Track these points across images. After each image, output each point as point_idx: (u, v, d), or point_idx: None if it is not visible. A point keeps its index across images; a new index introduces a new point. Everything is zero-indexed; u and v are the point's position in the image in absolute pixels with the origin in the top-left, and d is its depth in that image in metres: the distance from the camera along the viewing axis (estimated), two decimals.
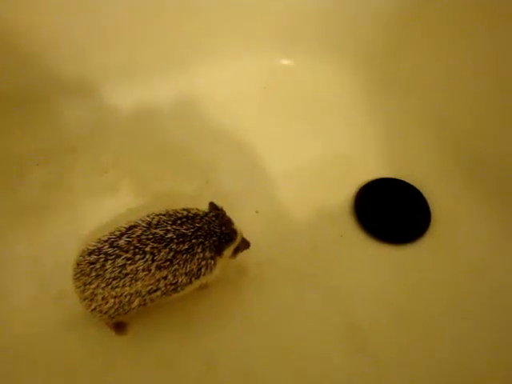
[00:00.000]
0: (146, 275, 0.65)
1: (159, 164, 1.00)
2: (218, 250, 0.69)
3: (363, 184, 0.97)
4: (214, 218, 0.70)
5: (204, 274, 0.69)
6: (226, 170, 1.00)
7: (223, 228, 0.70)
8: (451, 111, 1.02)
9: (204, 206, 0.73)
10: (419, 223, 0.92)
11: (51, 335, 0.76)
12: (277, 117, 1.10)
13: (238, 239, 0.72)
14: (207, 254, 0.68)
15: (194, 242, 0.67)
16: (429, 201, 0.95)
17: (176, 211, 0.70)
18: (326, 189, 0.97)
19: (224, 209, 0.73)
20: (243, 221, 0.76)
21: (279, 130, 1.07)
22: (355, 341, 0.79)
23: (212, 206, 0.73)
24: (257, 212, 0.93)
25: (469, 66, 0.98)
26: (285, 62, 1.18)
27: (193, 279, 0.69)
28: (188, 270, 0.67)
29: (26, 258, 0.84)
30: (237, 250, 0.74)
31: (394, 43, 1.08)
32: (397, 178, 0.98)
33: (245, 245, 0.75)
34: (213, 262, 0.69)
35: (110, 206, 0.90)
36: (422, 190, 0.96)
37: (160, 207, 0.71)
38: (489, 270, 0.87)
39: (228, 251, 0.71)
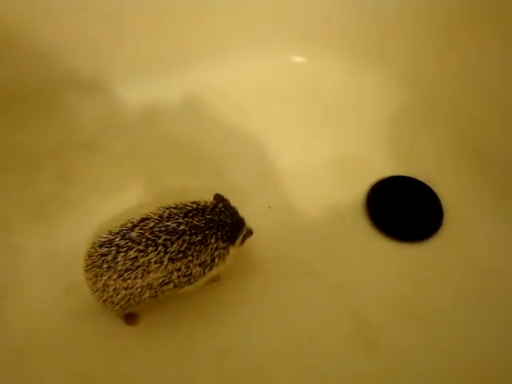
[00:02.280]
0: (158, 267, 0.65)
1: (171, 160, 1.00)
2: (231, 239, 0.71)
3: (376, 182, 0.96)
4: (224, 209, 0.71)
5: (217, 265, 0.70)
6: (237, 166, 1.00)
7: (234, 218, 0.72)
8: (464, 109, 1.01)
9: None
10: (432, 222, 0.91)
11: (63, 326, 0.76)
12: (289, 114, 1.09)
13: (246, 226, 0.74)
14: (221, 244, 0.69)
15: (207, 233, 0.68)
16: (442, 200, 0.94)
17: (185, 204, 0.71)
18: (339, 186, 0.97)
19: (232, 202, 0.74)
20: (255, 216, 0.76)
21: (291, 127, 1.06)
22: (365, 338, 0.78)
23: (217, 196, 0.74)
24: (269, 208, 0.92)
25: (478, 65, 0.98)
26: (297, 59, 1.17)
27: (206, 270, 0.69)
28: (202, 260, 0.68)
29: (38, 250, 0.84)
30: (244, 238, 0.75)
31: (407, 42, 1.08)
32: (410, 176, 0.97)
33: (249, 232, 0.76)
34: (226, 252, 0.70)
35: (122, 199, 0.91)
36: (435, 189, 0.95)
37: (171, 201, 0.72)
38: (501, 272, 0.86)
39: (239, 239, 0.73)
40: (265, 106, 1.10)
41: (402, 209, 0.93)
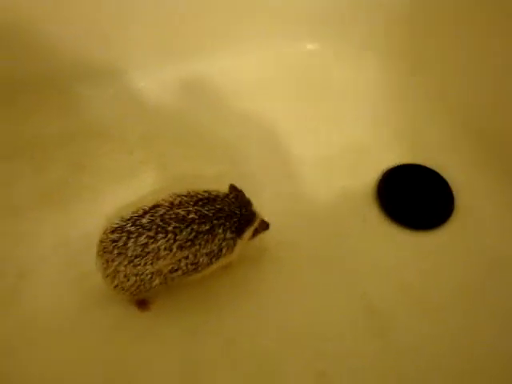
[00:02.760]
0: (167, 254, 0.66)
1: (183, 147, 1.00)
2: (238, 232, 0.70)
3: (387, 169, 0.96)
4: (234, 200, 0.71)
5: (224, 255, 0.70)
6: (249, 153, 1.00)
7: (243, 210, 0.71)
8: (476, 97, 1.00)
9: (226, 188, 0.73)
10: (442, 210, 0.91)
11: (76, 312, 0.78)
12: (302, 102, 1.09)
13: (257, 221, 0.73)
14: (228, 235, 0.69)
15: (215, 223, 0.68)
16: (453, 188, 0.93)
17: (197, 192, 0.71)
18: (350, 174, 0.97)
19: (244, 191, 0.73)
20: (265, 203, 0.76)
21: (304, 115, 1.06)
22: (373, 324, 0.79)
23: (232, 187, 0.73)
24: (279, 195, 0.92)
25: (494, 51, 0.96)
26: (310, 46, 1.17)
27: (213, 260, 0.69)
28: (209, 250, 0.68)
29: (51, 237, 0.85)
30: (256, 232, 0.74)
31: (421, 30, 1.07)
32: (422, 164, 0.96)
33: (264, 226, 0.76)
34: (233, 243, 0.70)
35: (134, 186, 0.91)
36: (446, 178, 0.94)
37: (184, 189, 0.72)
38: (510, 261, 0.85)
39: (248, 233, 0.72)
40: (278, 94, 1.10)
41: (413, 196, 0.92)
